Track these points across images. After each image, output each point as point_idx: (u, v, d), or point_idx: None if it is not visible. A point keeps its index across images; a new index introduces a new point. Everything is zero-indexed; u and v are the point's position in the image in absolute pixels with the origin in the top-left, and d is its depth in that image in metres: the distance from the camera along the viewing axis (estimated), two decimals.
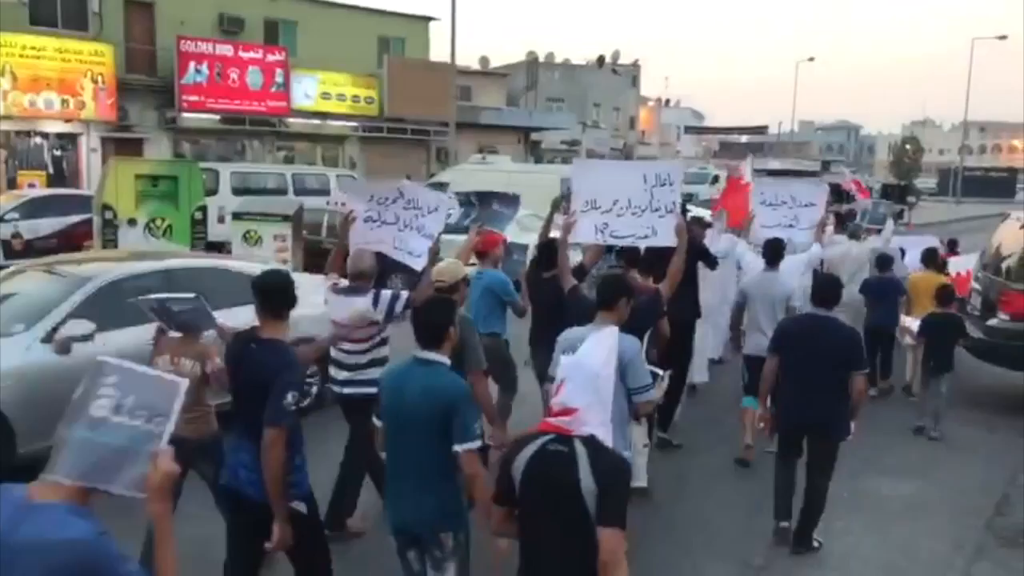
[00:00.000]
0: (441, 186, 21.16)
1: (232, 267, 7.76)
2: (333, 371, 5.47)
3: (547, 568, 2.99)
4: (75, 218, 15.95)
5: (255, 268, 7.13)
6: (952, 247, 12.61)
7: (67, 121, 25.76)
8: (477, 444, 3.52)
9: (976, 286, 9.70)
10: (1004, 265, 9.08)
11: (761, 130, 68.16)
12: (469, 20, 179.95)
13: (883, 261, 9.50)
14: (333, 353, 5.41)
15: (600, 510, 2.84)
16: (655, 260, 6.00)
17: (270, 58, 29.89)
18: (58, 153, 26.04)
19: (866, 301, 9.17)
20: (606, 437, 2.98)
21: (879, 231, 12.03)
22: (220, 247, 15.73)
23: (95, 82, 25.75)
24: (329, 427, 6.23)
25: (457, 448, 3.44)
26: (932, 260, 9.92)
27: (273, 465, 3.58)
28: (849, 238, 10.99)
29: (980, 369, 9.56)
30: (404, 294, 5.26)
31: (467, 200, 7.41)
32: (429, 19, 37.57)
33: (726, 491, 6.54)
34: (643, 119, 68.37)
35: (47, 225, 15.95)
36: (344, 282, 5.39)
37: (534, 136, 44.51)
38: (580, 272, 5.99)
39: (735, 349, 7.87)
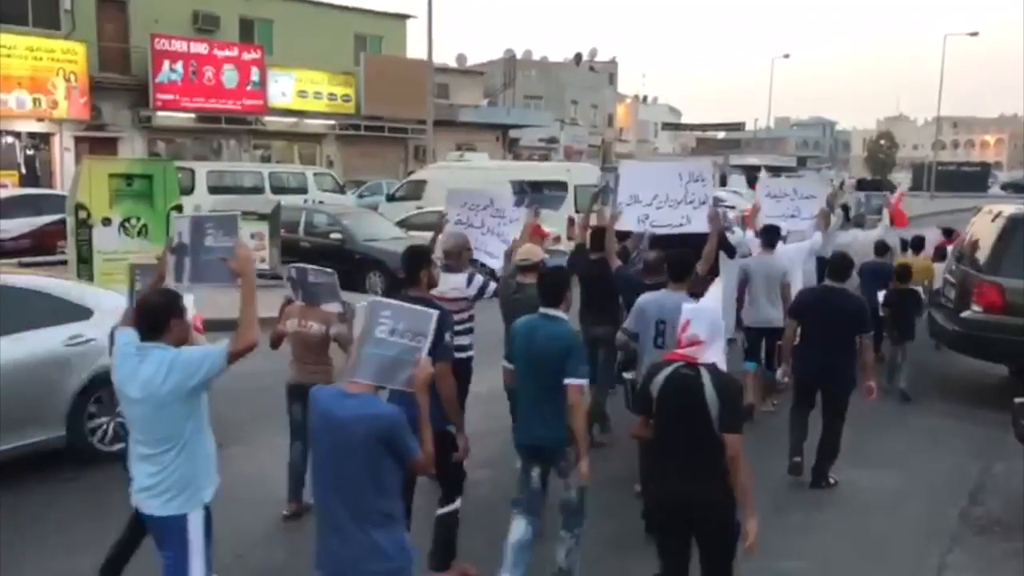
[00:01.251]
0: (422, 183, 21.18)
1: (54, 290, 6.83)
2: None
3: (676, 464, 3.82)
4: (48, 218, 15.80)
5: (90, 291, 7.15)
6: (948, 235, 12.89)
7: (39, 120, 25.46)
8: (584, 381, 4.47)
9: (950, 278, 9.80)
10: (978, 257, 9.16)
11: (738, 126, 68.48)
12: (446, 18, 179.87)
13: (881, 247, 10.33)
14: None
15: (722, 419, 3.70)
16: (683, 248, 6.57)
17: (246, 56, 29.70)
18: (31, 152, 25.73)
19: (861, 282, 9.69)
20: (722, 365, 3.87)
21: (878, 220, 13.30)
22: None
23: (68, 81, 25.46)
24: None
25: (566, 381, 4.38)
26: (918, 247, 11.20)
27: (448, 392, 4.52)
28: (855, 227, 11.96)
29: (954, 361, 9.66)
30: (492, 285, 5.95)
31: (520, 187, 8.33)
32: (406, 17, 37.49)
33: None
34: (621, 116, 68.55)
35: (19, 225, 15.79)
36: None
37: (512, 134, 44.50)
38: (624, 255, 7.14)
39: (737, 323, 8.53)
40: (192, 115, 28.75)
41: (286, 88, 31.25)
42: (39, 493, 6.12)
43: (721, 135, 75.04)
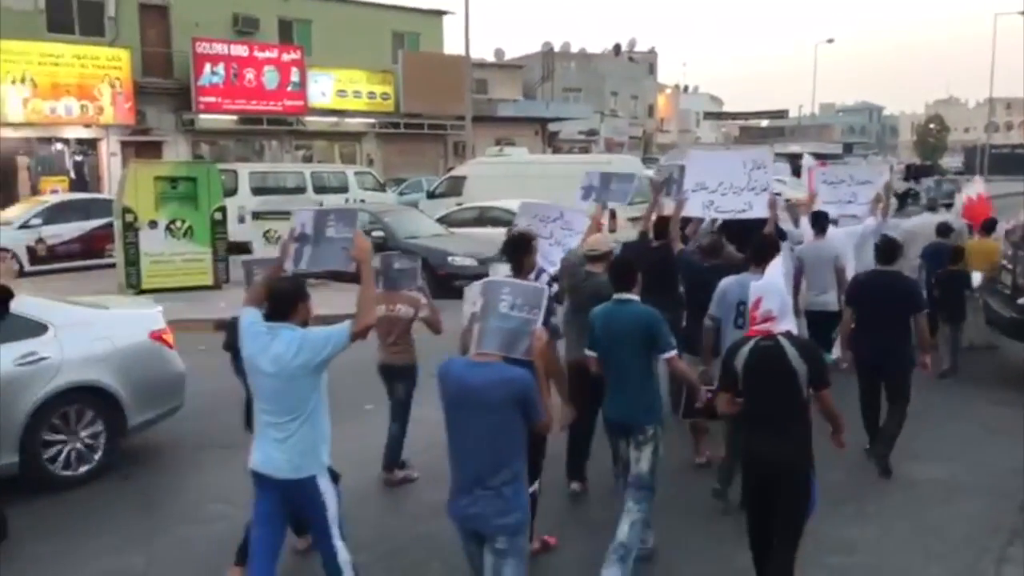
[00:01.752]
0: (461, 180, 21.19)
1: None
2: None
3: (770, 429, 4.25)
4: (97, 222, 16.10)
5: (49, 306, 6.70)
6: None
7: (87, 126, 25.97)
8: (675, 352, 4.82)
9: (1007, 264, 9.50)
10: None
11: (781, 114, 67.55)
12: (483, 13, 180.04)
13: (944, 229, 10.43)
14: None
15: (811, 378, 4.21)
16: (744, 234, 6.95)
17: (285, 57, 29.97)
18: (79, 158, 26.27)
19: (923, 264, 9.99)
20: (795, 331, 4.38)
21: (949, 205, 13.26)
22: (242, 247, 15.80)
23: (113, 87, 25.94)
24: None
25: (662, 356, 4.78)
26: (989, 229, 10.87)
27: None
28: (927, 211, 11.93)
29: (1010, 348, 9.37)
30: (553, 287, 6.01)
31: (588, 183, 8.32)
32: (443, 13, 37.54)
33: None
34: (661, 106, 67.96)
35: (70, 230, 16.12)
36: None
37: (552, 127, 44.36)
38: (684, 240, 7.34)
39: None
40: (234, 117, 29.09)
41: (325, 88, 31.49)
42: (89, 491, 6.21)
43: (764, 123, 74.05)
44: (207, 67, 27.92)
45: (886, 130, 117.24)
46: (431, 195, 22.22)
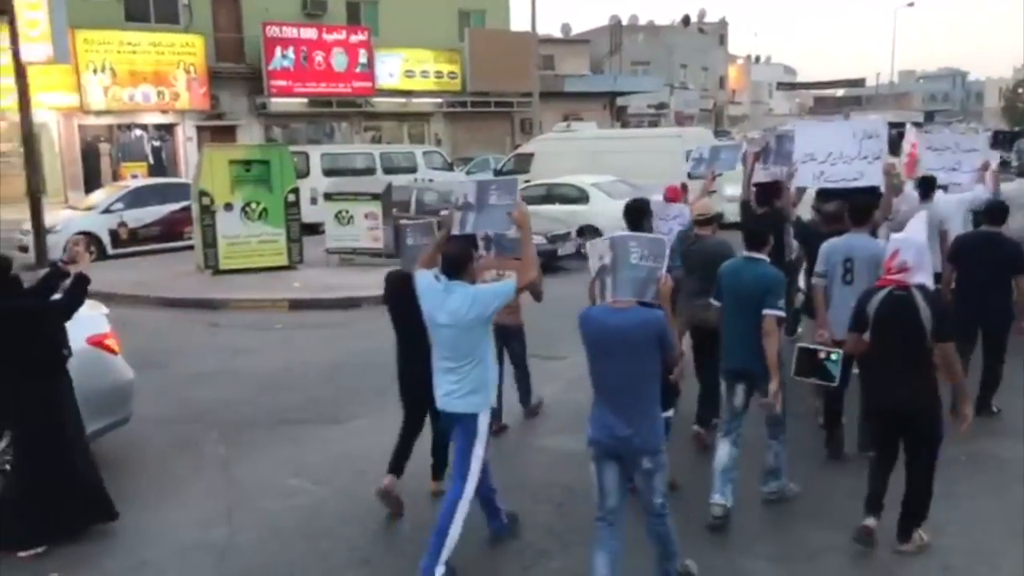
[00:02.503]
0: (528, 157, 21.11)
1: None
2: None
3: (893, 374, 4.65)
4: (175, 206, 16.52)
5: None
6: None
7: (164, 112, 26.70)
8: (781, 313, 5.21)
9: None
10: None
11: (858, 83, 65.55)
12: None
13: None
14: None
15: (937, 330, 4.53)
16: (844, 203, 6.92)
17: (353, 39, 30.23)
18: (157, 144, 27.04)
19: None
20: (929, 285, 4.67)
21: None
22: (314, 228, 16.06)
23: (188, 72, 26.58)
24: None
25: (764, 312, 5.12)
26: None
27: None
28: (1020, 176, 11.68)
29: None
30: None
31: (698, 155, 8.90)
32: None
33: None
34: (733, 78, 66.50)
35: (150, 214, 16.58)
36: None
37: (620, 101, 43.83)
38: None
39: None
40: (304, 100, 29.51)
41: (393, 68, 31.67)
42: (170, 465, 6.41)
43: (840, 92, 71.91)
44: (277, 51, 28.36)
45: (971, 96, 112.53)
46: (499, 173, 22.19)
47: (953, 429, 4.77)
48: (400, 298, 5.26)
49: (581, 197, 16.20)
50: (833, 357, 5.20)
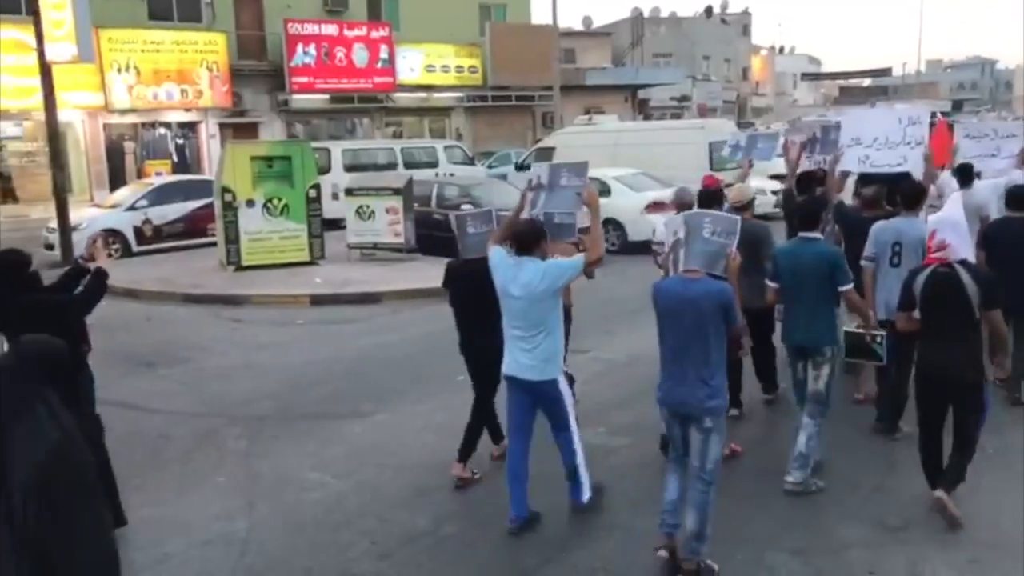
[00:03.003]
0: (550, 150, 21.05)
1: None
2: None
3: (940, 346, 4.93)
4: (198, 202, 16.64)
5: None
6: None
7: (187, 110, 26.90)
8: (851, 285, 5.51)
9: None
10: None
11: (884, 72, 64.64)
12: None
13: None
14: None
15: (985, 300, 4.81)
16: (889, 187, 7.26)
17: (374, 35, 30.26)
18: (180, 141, 27.25)
19: None
20: (971, 258, 5.03)
21: None
22: (335, 223, 16.10)
23: (210, 70, 26.76)
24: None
25: (840, 288, 5.47)
26: None
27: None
28: None
29: None
30: None
31: (735, 143, 9.35)
32: None
33: (862, 445, 6.20)
34: (756, 69, 65.91)
35: (174, 211, 16.70)
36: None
37: (642, 94, 43.57)
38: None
39: None
40: (326, 96, 29.60)
41: (414, 63, 31.69)
42: (191, 458, 6.47)
43: (866, 82, 71.12)
44: (299, 48, 28.46)
45: (999, 85, 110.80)
46: (520, 167, 22.15)
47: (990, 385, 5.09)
48: (457, 281, 5.86)
49: (603, 190, 16.08)
50: (879, 339, 5.65)
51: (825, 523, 5.13)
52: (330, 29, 29.23)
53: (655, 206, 15.19)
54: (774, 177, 16.17)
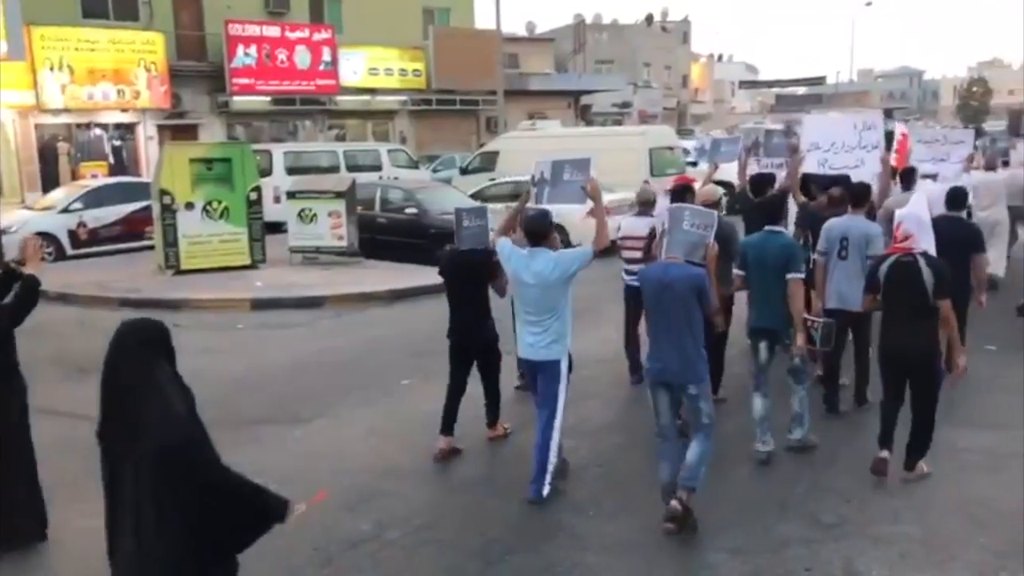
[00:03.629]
0: (494, 155, 21.08)
1: None
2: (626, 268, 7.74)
3: (900, 326, 5.59)
4: (136, 205, 16.27)
5: None
6: None
7: (124, 111, 26.26)
8: (801, 275, 5.98)
9: None
10: None
11: (819, 81, 66.30)
12: None
13: None
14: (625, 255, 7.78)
15: (935, 290, 5.40)
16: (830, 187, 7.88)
17: (317, 37, 29.96)
18: (117, 143, 26.58)
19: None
20: (932, 251, 5.54)
21: (1007, 163, 13.66)
22: (277, 227, 15.91)
23: (148, 71, 26.16)
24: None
25: (788, 276, 5.91)
26: None
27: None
28: (986, 169, 11.93)
29: None
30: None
31: (701, 145, 10.18)
32: None
33: (798, 449, 6.34)
34: (695, 76, 66.97)
35: (110, 213, 16.30)
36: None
37: (584, 100, 43.93)
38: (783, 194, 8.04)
39: None
40: (267, 98, 29.20)
41: (357, 66, 31.46)
42: None
43: (801, 90, 72.72)
44: (240, 49, 28.03)
45: (927, 95, 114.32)
46: (464, 171, 22.16)
47: (949, 380, 5.73)
48: (453, 270, 6.38)
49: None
50: (815, 326, 6.22)
51: (763, 521, 5.24)
52: (272, 30, 28.86)
53: None
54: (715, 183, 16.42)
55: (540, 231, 5.44)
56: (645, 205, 7.90)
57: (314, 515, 5.35)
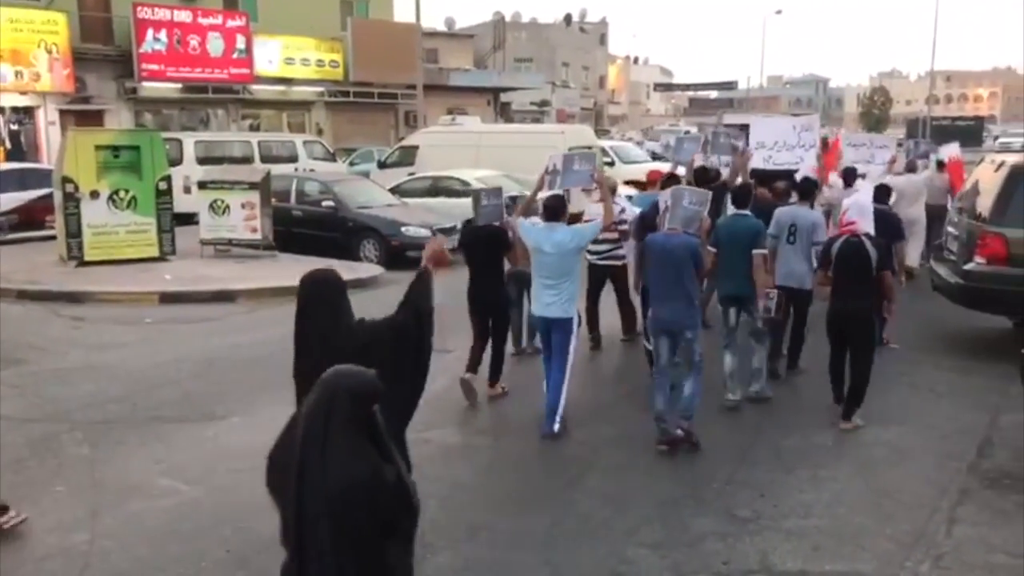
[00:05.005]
0: (413, 149, 20.87)
1: None
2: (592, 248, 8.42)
3: (846, 293, 6.70)
4: (36, 192, 15.54)
5: None
6: None
7: (23, 94, 25.00)
8: (764, 251, 7.14)
9: (952, 230, 9.66)
10: (981, 208, 9.00)
11: (731, 85, 67.91)
12: None
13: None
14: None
15: (878, 264, 6.64)
16: (773, 180, 8.99)
17: (230, 24, 29.14)
18: (15, 127, 25.28)
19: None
20: (872, 232, 6.76)
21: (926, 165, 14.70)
22: (187, 218, 15.40)
23: (49, 52, 24.96)
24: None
25: (754, 252, 6.99)
26: None
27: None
28: (907, 171, 12.97)
29: (956, 313, 9.54)
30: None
31: (666, 143, 10.95)
32: None
33: (713, 441, 6.45)
34: (612, 77, 67.86)
35: (7, 201, 15.52)
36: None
37: (503, 97, 44.00)
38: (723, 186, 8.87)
39: None
40: (178, 85, 28.26)
41: (272, 55, 30.72)
42: (34, 468, 6.00)
43: (714, 95, 74.44)
44: (149, 33, 27.01)
45: (832, 102, 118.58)
46: (382, 165, 21.88)
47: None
48: (472, 242, 7.46)
49: (466, 191, 16.14)
50: (771, 296, 7.11)
51: (681, 516, 5.31)
52: (183, 15, 27.89)
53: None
54: (629, 183, 16.62)
55: (559, 210, 6.61)
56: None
57: (226, 516, 5.22)
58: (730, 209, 7.70)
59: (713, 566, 4.73)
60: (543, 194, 7.11)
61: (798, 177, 9.17)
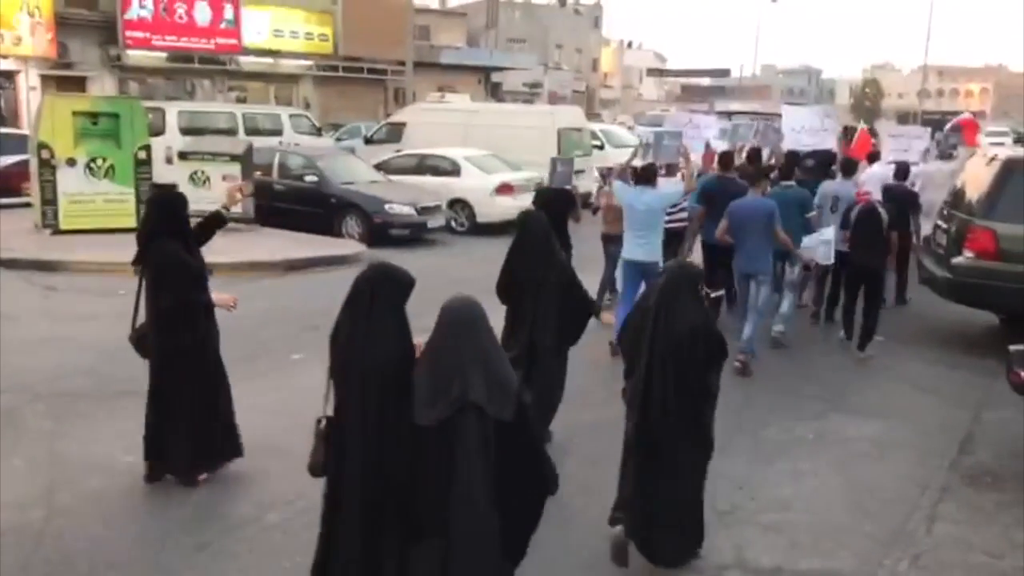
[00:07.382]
0: (401, 126, 20.61)
1: None
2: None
3: (866, 249, 8.27)
4: (12, 159, 15.24)
5: None
6: None
7: (3, 57, 24.56)
8: (780, 228, 7.98)
9: (941, 224, 9.55)
10: (971, 202, 8.89)
11: (723, 73, 67.71)
12: None
13: None
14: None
15: (888, 226, 8.39)
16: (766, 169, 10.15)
17: None
18: None
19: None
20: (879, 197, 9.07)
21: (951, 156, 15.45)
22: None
23: (32, 16, 24.52)
24: None
25: (777, 228, 7.87)
26: None
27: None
28: (940, 158, 14.11)
29: (942, 307, 9.46)
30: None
31: (646, 140, 10.97)
32: None
33: None
34: (605, 61, 67.42)
35: None
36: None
37: (495, 78, 43.63)
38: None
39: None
40: (164, 54, 27.84)
41: (261, 26, 30.28)
42: None
43: (706, 82, 74.18)
44: (135, 0, 26.55)
45: (824, 93, 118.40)
46: (369, 141, 21.59)
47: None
48: (545, 201, 7.52)
49: (453, 170, 15.94)
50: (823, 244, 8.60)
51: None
52: None
53: (504, 188, 15.21)
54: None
55: (650, 175, 8.07)
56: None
57: (191, 495, 5.06)
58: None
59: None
60: (637, 162, 8.69)
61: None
